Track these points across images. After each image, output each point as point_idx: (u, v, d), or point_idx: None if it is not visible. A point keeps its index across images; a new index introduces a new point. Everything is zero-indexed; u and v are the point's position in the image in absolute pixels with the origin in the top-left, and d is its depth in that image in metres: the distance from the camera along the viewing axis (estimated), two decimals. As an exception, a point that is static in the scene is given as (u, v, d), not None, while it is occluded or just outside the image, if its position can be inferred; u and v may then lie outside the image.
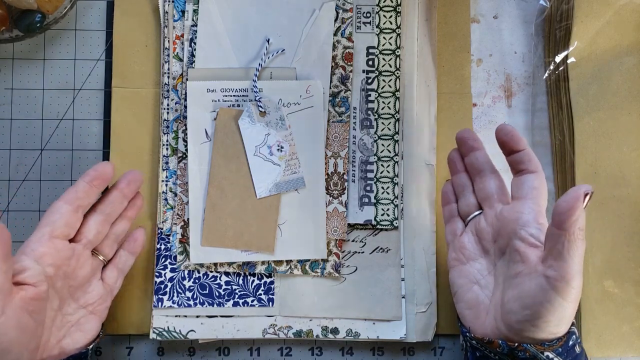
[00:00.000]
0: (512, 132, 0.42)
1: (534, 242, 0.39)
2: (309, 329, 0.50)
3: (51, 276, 0.40)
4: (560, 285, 0.36)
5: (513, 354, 0.39)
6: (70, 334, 0.43)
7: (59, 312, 0.42)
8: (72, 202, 0.41)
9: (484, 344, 0.41)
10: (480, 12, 0.54)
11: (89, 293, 0.44)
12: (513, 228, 0.41)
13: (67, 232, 0.41)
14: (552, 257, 0.37)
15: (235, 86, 0.50)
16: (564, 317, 0.37)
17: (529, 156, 0.42)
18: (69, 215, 0.41)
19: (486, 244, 0.44)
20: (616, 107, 0.52)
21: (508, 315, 0.39)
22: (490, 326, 0.41)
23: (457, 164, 0.47)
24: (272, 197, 0.50)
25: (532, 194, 0.41)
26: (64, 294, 0.42)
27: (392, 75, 0.52)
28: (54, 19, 0.50)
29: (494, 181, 0.44)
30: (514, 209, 0.41)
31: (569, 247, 0.36)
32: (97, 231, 0.44)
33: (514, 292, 0.39)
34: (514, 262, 0.40)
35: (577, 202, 0.35)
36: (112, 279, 0.46)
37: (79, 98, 0.52)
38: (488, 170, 0.44)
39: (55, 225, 0.41)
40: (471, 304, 0.43)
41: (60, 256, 0.41)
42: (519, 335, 0.39)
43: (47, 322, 0.40)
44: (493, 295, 0.42)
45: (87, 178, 0.42)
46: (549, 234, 0.37)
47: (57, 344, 0.42)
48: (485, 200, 0.44)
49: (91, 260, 0.44)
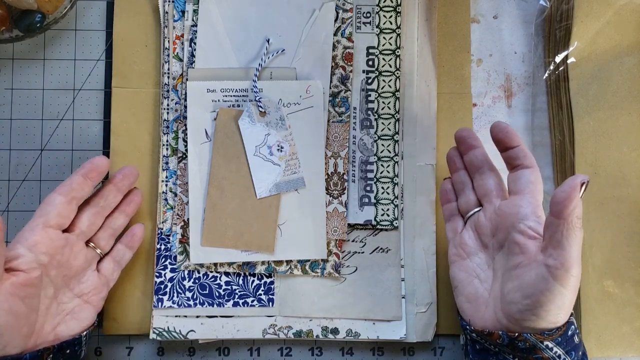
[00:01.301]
0: (506, 128, 0.43)
1: (533, 234, 0.40)
2: (309, 329, 0.50)
3: (45, 264, 0.41)
4: (560, 273, 0.37)
5: (513, 344, 0.40)
6: (65, 321, 0.44)
7: (54, 300, 0.43)
8: (66, 193, 0.43)
9: (484, 336, 0.42)
10: (480, 12, 0.54)
11: (84, 283, 0.45)
12: (512, 222, 0.42)
13: (60, 223, 0.43)
14: (552, 246, 0.38)
15: (235, 86, 0.50)
16: (563, 305, 0.38)
17: (523, 152, 0.43)
18: (63, 206, 0.42)
19: (485, 238, 0.45)
20: (616, 107, 0.52)
21: (509, 306, 0.40)
22: (490, 318, 0.42)
23: (456, 162, 0.48)
24: (272, 197, 0.50)
25: (529, 188, 0.42)
26: (59, 283, 0.43)
27: (392, 75, 0.52)
28: (54, 19, 0.50)
29: (492, 178, 0.45)
30: (513, 203, 0.43)
31: (567, 235, 0.37)
32: (90, 222, 0.45)
33: (515, 283, 0.40)
34: (513, 254, 0.41)
35: (574, 192, 0.36)
36: (109, 270, 0.47)
37: (79, 98, 0.52)
38: (487, 168, 0.46)
39: (49, 215, 0.42)
40: (471, 297, 0.44)
41: (54, 245, 0.42)
42: (519, 325, 0.40)
43: (41, 309, 0.42)
44: (492, 289, 0.43)
45: (82, 171, 0.44)
46: (548, 223, 0.38)
47: (52, 330, 0.43)
48: (485, 196, 0.45)
49: (85, 251, 0.45)
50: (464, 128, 0.46)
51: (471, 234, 0.46)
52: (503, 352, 0.42)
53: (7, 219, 0.51)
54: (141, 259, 0.51)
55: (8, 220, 0.51)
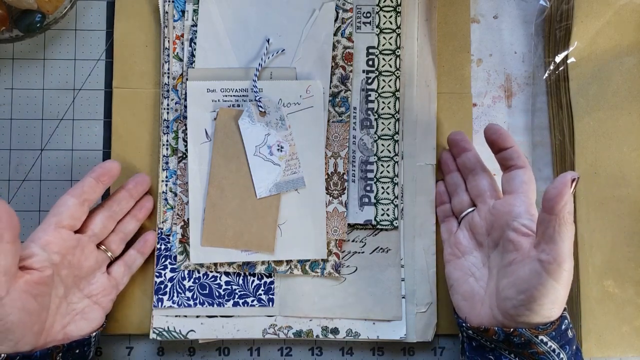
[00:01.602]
0: (500, 130, 0.45)
1: (527, 231, 0.42)
2: (309, 329, 0.50)
3: (56, 263, 0.42)
4: (553, 268, 0.38)
5: (509, 340, 0.41)
6: (75, 321, 0.44)
7: (64, 300, 0.44)
8: (78, 195, 0.44)
9: (480, 333, 0.43)
10: (480, 12, 0.54)
11: (93, 284, 0.46)
12: (506, 220, 0.43)
13: (72, 224, 0.44)
14: (544, 241, 0.39)
15: (235, 86, 0.50)
16: (556, 300, 0.39)
17: (517, 153, 0.44)
18: (75, 208, 0.43)
19: (480, 237, 0.46)
20: (616, 107, 0.52)
21: (504, 302, 0.41)
22: (485, 315, 0.43)
23: (450, 165, 0.50)
24: (272, 197, 0.50)
25: (523, 188, 0.44)
26: (69, 283, 0.44)
27: (392, 75, 0.52)
28: (54, 19, 0.50)
29: (485, 179, 0.47)
30: (507, 202, 0.44)
31: (559, 231, 0.38)
32: (102, 225, 0.46)
33: (509, 279, 0.41)
34: (507, 251, 0.42)
35: (565, 188, 0.37)
36: (119, 273, 0.48)
37: (79, 98, 0.52)
38: (479, 169, 0.47)
39: (61, 216, 0.43)
40: (467, 295, 0.45)
41: (66, 245, 0.43)
42: (514, 320, 0.40)
43: (52, 308, 0.42)
44: (487, 286, 0.44)
45: (94, 174, 0.45)
46: (540, 219, 0.39)
47: (61, 329, 0.43)
48: (478, 196, 0.47)
49: (96, 253, 0.46)
50: (457, 131, 0.49)
51: (465, 233, 0.47)
52: (499, 349, 0.42)
53: (7, 219, 0.51)
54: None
55: (8, 220, 0.51)
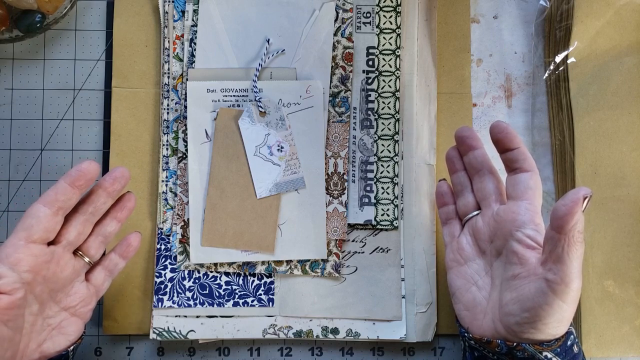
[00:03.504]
0: (507, 129, 0.41)
1: (531, 243, 0.39)
2: (309, 329, 0.50)
3: (29, 282, 0.38)
4: (560, 288, 0.36)
5: (512, 353, 0.39)
6: (52, 337, 0.41)
7: (39, 316, 0.40)
8: (51, 204, 0.38)
9: (482, 344, 0.41)
10: (480, 12, 0.54)
11: (71, 295, 0.42)
12: (509, 229, 0.41)
13: (45, 237, 0.39)
14: (552, 261, 0.37)
15: (235, 86, 0.50)
16: (563, 319, 0.37)
17: (524, 155, 0.41)
18: (48, 219, 0.38)
19: (482, 244, 0.44)
20: (616, 107, 0.52)
21: (507, 317, 0.39)
22: (488, 327, 0.41)
23: (456, 163, 0.46)
24: (272, 197, 0.50)
25: (528, 194, 0.41)
26: (44, 298, 0.40)
27: (392, 75, 0.52)
28: (54, 19, 0.50)
29: (492, 181, 0.44)
30: (510, 209, 0.41)
31: (568, 251, 0.36)
32: (78, 232, 0.41)
33: (513, 294, 0.39)
34: (511, 263, 0.40)
35: (576, 206, 0.35)
36: (99, 280, 0.44)
37: (79, 98, 0.52)
38: (486, 170, 0.44)
39: (32, 230, 0.38)
40: (469, 305, 0.43)
41: (38, 261, 0.38)
42: (517, 336, 0.39)
43: (26, 327, 0.39)
44: (490, 297, 0.42)
45: (68, 179, 0.39)
46: (548, 237, 0.37)
47: (37, 348, 0.40)
48: (484, 200, 0.44)
49: (73, 262, 0.41)
50: (465, 127, 0.45)
51: (469, 238, 0.45)
52: None
53: (7, 219, 0.51)
54: (141, 259, 0.51)
55: (8, 220, 0.51)
